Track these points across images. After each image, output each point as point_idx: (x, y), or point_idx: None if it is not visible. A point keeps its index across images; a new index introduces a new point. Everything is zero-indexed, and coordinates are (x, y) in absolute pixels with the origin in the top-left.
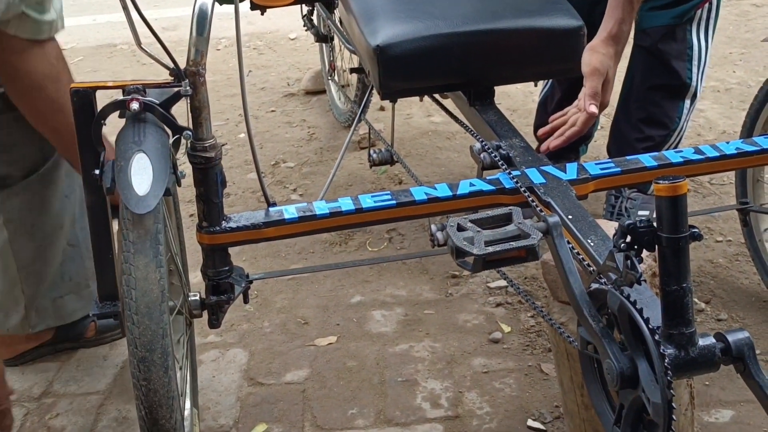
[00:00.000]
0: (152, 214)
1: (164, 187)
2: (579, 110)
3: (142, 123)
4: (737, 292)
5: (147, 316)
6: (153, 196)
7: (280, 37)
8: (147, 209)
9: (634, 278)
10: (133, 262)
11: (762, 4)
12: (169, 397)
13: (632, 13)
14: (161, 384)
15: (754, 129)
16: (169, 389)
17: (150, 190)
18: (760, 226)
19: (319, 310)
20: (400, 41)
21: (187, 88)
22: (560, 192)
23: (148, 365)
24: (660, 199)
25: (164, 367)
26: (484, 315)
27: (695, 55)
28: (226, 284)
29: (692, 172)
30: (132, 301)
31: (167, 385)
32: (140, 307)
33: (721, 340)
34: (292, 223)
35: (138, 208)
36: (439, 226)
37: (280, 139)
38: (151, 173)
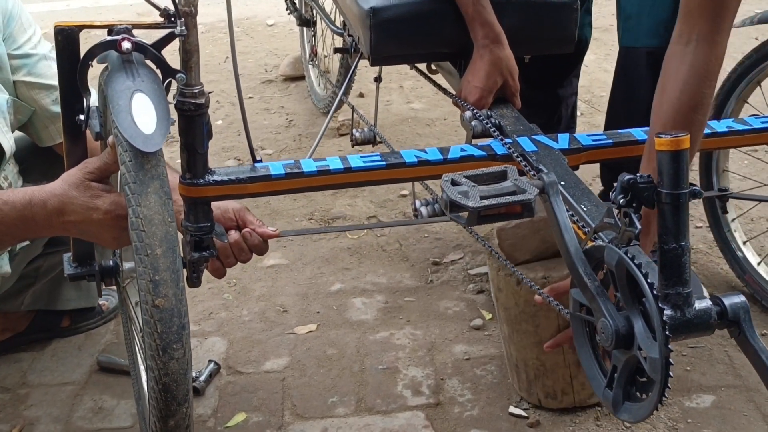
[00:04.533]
0: (160, 152)
1: (169, 125)
2: None
3: (132, 64)
4: (717, 277)
5: (163, 257)
6: (160, 134)
7: (257, 23)
8: (156, 147)
9: (632, 235)
10: (138, 191)
11: None
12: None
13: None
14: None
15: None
16: (183, 335)
17: (156, 128)
18: (729, 216)
19: (298, 298)
20: (394, 4)
21: (182, 29)
22: (552, 159)
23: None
24: (661, 154)
25: (180, 314)
26: (465, 302)
27: None
28: (209, 240)
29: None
30: (143, 235)
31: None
32: (152, 243)
33: (717, 304)
34: (278, 179)
35: (147, 146)
36: (423, 201)
37: (258, 126)
38: (153, 112)
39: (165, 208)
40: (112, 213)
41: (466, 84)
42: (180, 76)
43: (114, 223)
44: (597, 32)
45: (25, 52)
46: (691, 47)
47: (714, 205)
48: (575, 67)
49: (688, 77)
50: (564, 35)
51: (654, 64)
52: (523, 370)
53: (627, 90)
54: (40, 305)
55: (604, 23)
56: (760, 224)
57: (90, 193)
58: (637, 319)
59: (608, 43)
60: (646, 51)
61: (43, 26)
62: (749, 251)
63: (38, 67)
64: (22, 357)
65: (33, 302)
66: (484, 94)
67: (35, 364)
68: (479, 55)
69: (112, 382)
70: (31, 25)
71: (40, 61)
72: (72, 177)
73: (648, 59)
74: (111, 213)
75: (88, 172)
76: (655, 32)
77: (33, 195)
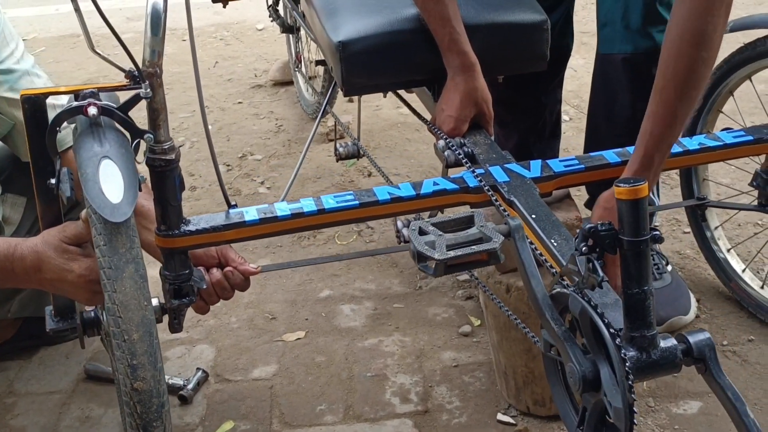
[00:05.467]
0: (129, 221)
1: (136, 193)
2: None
3: (100, 128)
4: (704, 282)
5: (140, 342)
6: (127, 203)
7: (246, 28)
8: (124, 216)
9: (595, 281)
10: (113, 277)
11: None
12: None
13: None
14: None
15: (697, 126)
16: (162, 413)
17: (123, 197)
18: (711, 224)
19: (287, 304)
20: (363, 37)
21: (147, 91)
22: (524, 190)
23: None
24: (620, 203)
25: (158, 394)
26: (454, 308)
27: None
28: (188, 287)
29: None
30: (119, 321)
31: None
32: (129, 328)
33: (682, 342)
34: (252, 225)
35: (115, 216)
36: (404, 222)
37: (248, 131)
38: (121, 179)
39: (141, 292)
40: (86, 277)
41: (440, 113)
42: (148, 137)
43: (87, 286)
44: (586, 37)
45: (7, 68)
46: None
47: (696, 214)
48: (558, 74)
49: (689, 13)
50: (535, 54)
51: (630, 70)
52: (512, 377)
53: (606, 96)
54: (28, 312)
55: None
56: (747, 229)
57: (66, 256)
58: (603, 365)
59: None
60: (622, 57)
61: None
62: (733, 258)
63: (20, 83)
64: (9, 365)
65: (20, 310)
66: (458, 123)
67: (22, 373)
68: (453, 84)
69: (99, 390)
70: (14, 38)
71: (23, 77)
72: (51, 237)
73: (624, 65)
74: (84, 277)
75: (66, 236)
76: (629, 38)
77: (15, 248)
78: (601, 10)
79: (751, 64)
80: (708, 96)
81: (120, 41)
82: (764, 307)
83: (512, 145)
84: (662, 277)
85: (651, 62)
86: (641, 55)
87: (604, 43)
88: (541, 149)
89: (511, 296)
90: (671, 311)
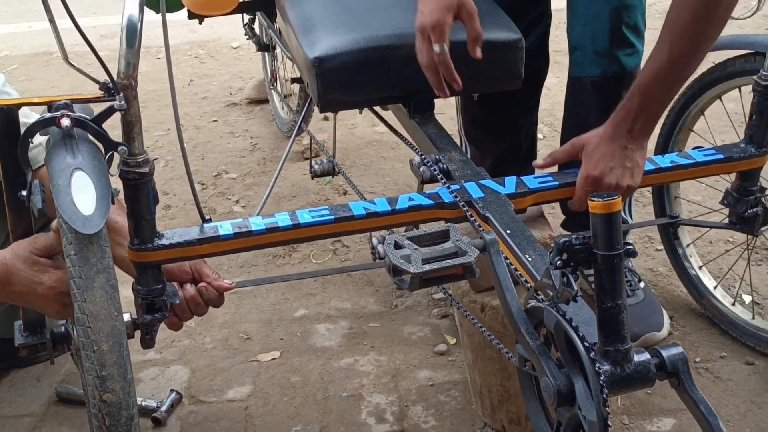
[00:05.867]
0: (101, 233)
1: (109, 205)
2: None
3: (73, 140)
4: (677, 300)
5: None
6: (99, 215)
7: (222, 46)
8: (96, 228)
9: (570, 295)
10: (84, 287)
11: None
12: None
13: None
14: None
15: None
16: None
17: (95, 209)
18: (683, 241)
19: (262, 324)
20: (339, 53)
21: (121, 103)
22: (499, 206)
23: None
24: (594, 217)
25: (127, 406)
26: (430, 327)
27: None
28: (161, 302)
29: None
30: (89, 331)
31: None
32: (99, 339)
33: (656, 356)
34: (227, 240)
35: (86, 228)
36: (380, 239)
37: (223, 150)
38: (93, 191)
39: (111, 302)
40: (56, 289)
41: (420, 14)
42: (122, 149)
43: (57, 299)
44: (559, 56)
45: None
46: None
47: (668, 232)
48: (533, 96)
49: None
50: (510, 73)
51: (599, 93)
52: (487, 396)
53: (577, 118)
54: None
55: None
56: (718, 246)
57: (36, 268)
58: (577, 379)
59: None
60: (591, 80)
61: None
62: (705, 275)
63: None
64: None
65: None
66: (442, 14)
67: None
68: None
69: (71, 413)
70: None
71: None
72: (21, 249)
73: (593, 88)
74: (55, 289)
75: (36, 248)
76: (598, 62)
77: None
78: (572, 34)
79: (720, 84)
80: (679, 115)
81: (94, 52)
82: (736, 324)
83: (487, 166)
84: (635, 293)
85: (619, 85)
86: (609, 79)
87: (574, 67)
88: (516, 170)
89: (486, 315)
90: (644, 327)
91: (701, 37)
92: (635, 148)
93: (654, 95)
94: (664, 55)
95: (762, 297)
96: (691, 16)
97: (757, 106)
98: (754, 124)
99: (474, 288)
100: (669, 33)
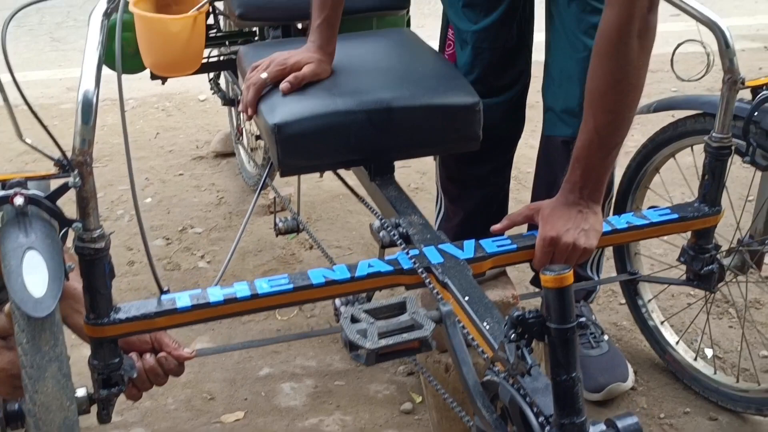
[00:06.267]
0: (53, 316)
1: (61, 286)
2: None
3: (27, 218)
4: (641, 354)
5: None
6: (51, 297)
7: (189, 99)
8: (46, 311)
9: (524, 369)
10: (35, 376)
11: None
12: None
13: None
14: None
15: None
16: None
17: (47, 291)
18: (644, 297)
19: (226, 383)
20: (298, 119)
21: (76, 180)
22: (457, 272)
23: None
24: (547, 291)
25: None
26: (396, 385)
27: None
28: (117, 376)
29: None
30: (39, 423)
31: None
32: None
33: (611, 426)
34: (185, 312)
35: (37, 311)
36: (343, 300)
37: (189, 204)
38: (45, 272)
39: (63, 392)
40: (7, 371)
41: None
42: (76, 226)
43: (8, 381)
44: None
45: None
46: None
47: (629, 288)
48: (508, 153)
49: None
50: (468, 135)
51: (569, 152)
52: None
53: (548, 174)
54: None
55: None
56: (680, 300)
57: None
58: None
59: (533, 119)
60: (561, 140)
61: None
62: (667, 330)
63: None
64: None
65: None
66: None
67: None
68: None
69: None
70: None
71: None
72: None
73: (563, 147)
74: (6, 371)
75: None
76: (568, 122)
77: None
78: (545, 94)
79: (673, 144)
80: (635, 173)
81: (47, 130)
82: (698, 380)
83: (459, 220)
84: (599, 345)
85: None
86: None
87: (547, 126)
88: (486, 225)
89: (450, 376)
90: (610, 378)
91: (618, 106)
92: (590, 212)
93: (592, 164)
94: (591, 126)
95: (724, 351)
96: (604, 86)
97: (708, 167)
98: (706, 184)
99: (438, 348)
100: (589, 104)
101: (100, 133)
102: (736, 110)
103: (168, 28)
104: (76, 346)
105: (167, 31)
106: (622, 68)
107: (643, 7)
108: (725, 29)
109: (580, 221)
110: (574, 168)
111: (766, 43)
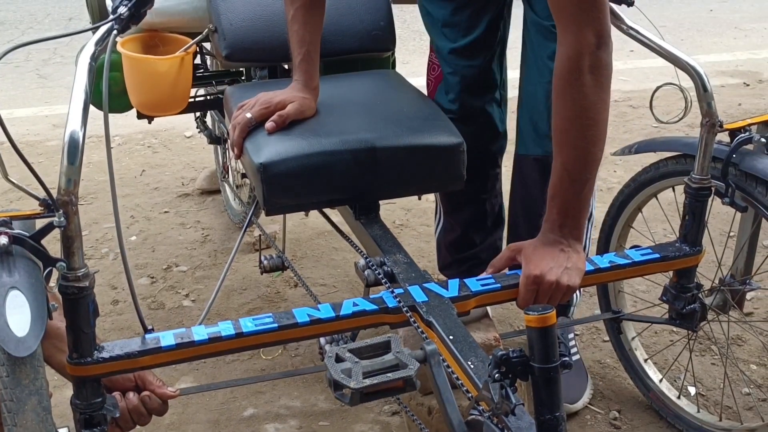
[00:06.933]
0: (34, 355)
1: (44, 326)
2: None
3: (11, 257)
4: (624, 392)
5: None
6: (33, 337)
7: (175, 135)
8: (29, 350)
9: (508, 408)
10: (15, 410)
11: (638, 105)
12: None
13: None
14: None
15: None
16: None
17: (30, 330)
18: (628, 335)
19: (210, 425)
20: (283, 159)
21: (61, 219)
22: (442, 311)
23: None
24: (530, 330)
25: None
26: (380, 425)
27: None
28: (100, 416)
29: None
30: None
31: None
32: None
33: None
34: (169, 351)
35: (19, 350)
36: (328, 338)
37: (173, 242)
38: (28, 311)
39: (43, 425)
40: None
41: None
42: (60, 265)
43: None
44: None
45: None
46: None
47: (613, 326)
48: (492, 170)
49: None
50: (452, 175)
51: (541, 170)
52: None
53: (522, 192)
54: None
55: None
56: (664, 337)
57: None
58: None
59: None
60: (533, 158)
61: None
62: (651, 369)
63: None
64: None
65: None
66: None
67: None
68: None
69: None
70: None
71: None
72: None
73: (536, 165)
74: None
75: None
76: (540, 143)
77: None
78: (519, 117)
79: (655, 184)
80: (618, 212)
81: (33, 172)
82: (682, 418)
83: (456, 234)
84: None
85: None
86: (550, 157)
87: (520, 146)
88: (483, 238)
89: (433, 418)
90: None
91: (581, 141)
92: (572, 251)
93: (567, 201)
94: (560, 162)
95: (707, 389)
96: (565, 123)
97: (689, 207)
98: (687, 224)
99: (421, 390)
100: (555, 141)
101: (86, 170)
102: (714, 152)
103: (156, 68)
104: (58, 387)
105: (155, 71)
106: (577, 104)
107: (590, 45)
108: (702, 73)
109: (563, 260)
110: (551, 206)
111: (746, 79)
